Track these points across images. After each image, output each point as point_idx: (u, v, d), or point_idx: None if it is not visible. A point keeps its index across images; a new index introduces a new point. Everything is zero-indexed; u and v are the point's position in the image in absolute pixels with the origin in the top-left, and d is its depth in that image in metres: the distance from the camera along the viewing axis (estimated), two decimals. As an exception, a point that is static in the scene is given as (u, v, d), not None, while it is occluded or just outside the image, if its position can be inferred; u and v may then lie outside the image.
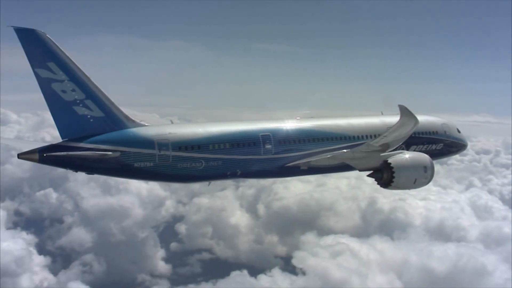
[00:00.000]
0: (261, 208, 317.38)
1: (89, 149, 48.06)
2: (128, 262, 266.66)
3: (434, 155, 65.98)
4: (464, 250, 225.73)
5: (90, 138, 48.56)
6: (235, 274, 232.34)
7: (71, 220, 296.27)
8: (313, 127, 60.05)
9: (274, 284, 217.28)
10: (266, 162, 55.96)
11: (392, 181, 54.90)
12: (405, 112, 48.94)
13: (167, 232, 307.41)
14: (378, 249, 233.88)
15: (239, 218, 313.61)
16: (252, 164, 55.40)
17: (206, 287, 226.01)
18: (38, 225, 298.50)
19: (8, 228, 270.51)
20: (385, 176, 55.50)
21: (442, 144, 67.83)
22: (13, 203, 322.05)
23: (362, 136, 60.80)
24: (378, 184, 56.74)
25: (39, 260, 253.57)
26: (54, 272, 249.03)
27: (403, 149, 61.09)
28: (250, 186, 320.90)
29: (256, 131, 56.34)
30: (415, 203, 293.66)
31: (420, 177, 55.87)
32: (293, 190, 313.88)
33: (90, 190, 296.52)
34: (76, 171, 50.44)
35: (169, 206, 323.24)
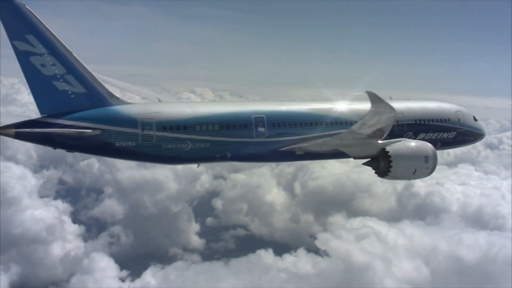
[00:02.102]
0: (297, 187, 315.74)
1: (67, 126, 46.46)
2: (161, 235, 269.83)
3: (447, 143, 63.98)
4: (496, 239, 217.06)
5: (70, 114, 46.97)
6: (259, 252, 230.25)
7: (109, 191, 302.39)
8: (311, 111, 57.05)
9: (294, 265, 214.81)
10: (259, 146, 53.73)
11: (390, 171, 52.02)
12: (374, 99, 45.68)
13: (202, 206, 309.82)
14: (408, 234, 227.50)
15: (275, 195, 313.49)
16: (243, 147, 53.29)
17: (219, 264, 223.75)
18: (77, 194, 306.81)
19: (42, 196, 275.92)
20: (381, 164, 52.67)
21: (455, 133, 64.06)
22: (57, 171, 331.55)
23: None
24: (375, 173, 53.80)
25: (72, 229, 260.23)
26: (87, 241, 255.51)
27: (410, 136, 59.03)
28: (290, 163, 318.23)
29: (249, 113, 53.81)
30: (453, 188, 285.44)
31: (420, 167, 52.67)
32: (330, 170, 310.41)
33: (126, 162, 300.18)
34: (55, 148, 48.78)
35: (205, 181, 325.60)
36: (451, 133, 63.69)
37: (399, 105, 58.89)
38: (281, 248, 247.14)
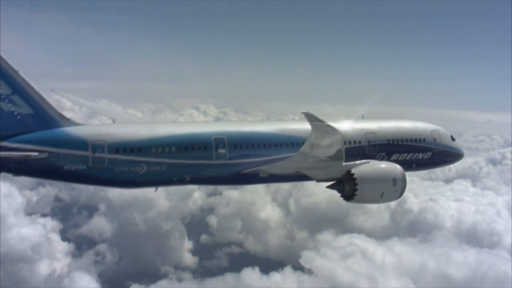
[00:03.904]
0: (292, 204, 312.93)
1: (12, 148, 44.77)
2: (153, 253, 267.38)
3: (422, 164, 62.13)
4: (486, 257, 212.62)
5: (16, 136, 45.32)
6: (245, 270, 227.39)
7: (102, 208, 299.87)
8: (276, 131, 55.00)
9: (276, 284, 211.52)
10: (219, 168, 51.75)
11: (355, 194, 49.78)
12: (312, 120, 43.50)
13: (195, 224, 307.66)
14: (396, 251, 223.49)
15: (270, 212, 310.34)
16: (203, 169, 51.23)
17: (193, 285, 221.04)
18: (70, 211, 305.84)
19: (32, 214, 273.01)
20: (346, 188, 50.51)
21: (431, 153, 61.82)
22: (53, 189, 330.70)
23: None
24: (341, 196, 51.70)
25: (62, 247, 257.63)
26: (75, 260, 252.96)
27: (383, 157, 57.22)
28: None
29: (209, 134, 51.94)
30: (447, 204, 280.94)
31: (388, 190, 50.45)
32: (324, 186, 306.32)
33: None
34: (0, 172, 46.90)
35: (198, 198, 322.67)
36: (427, 153, 61.54)
37: (371, 125, 59.02)
38: (274, 266, 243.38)
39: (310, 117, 42.95)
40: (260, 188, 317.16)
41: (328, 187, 52.10)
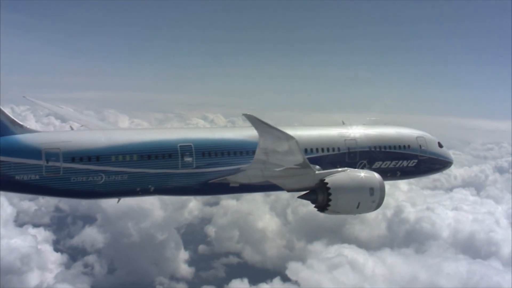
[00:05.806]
0: (289, 213, 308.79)
1: None
2: (148, 264, 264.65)
3: (407, 173, 59.75)
4: (478, 267, 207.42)
5: None
6: (234, 282, 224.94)
7: (98, 219, 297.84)
8: (246, 138, 51.88)
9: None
10: (186, 178, 49.41)
11: (329, 205, 46.53)
12: (256, 123, 40.72)
13: (191, 234, 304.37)
14: (388, 262, 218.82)
15: (267, 222, 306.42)
16: (168, 179, 48.93)
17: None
18: (64, 222, 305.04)
19: (23, 225, 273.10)
20: (320, 198, 47.12)
21: (416, 161, 59.17)
22: (53, 199, 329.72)
23: (312, 150, 53.08)
24: (314, 207, 48.38)
25: (54, 257, 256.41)
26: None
27: (364, 165, 54.86)
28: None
29: (174, 141, 49.55)
30: (445, 214, 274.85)
31: (365, 200, 47.43)
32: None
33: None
34: None
35: (193, 208, 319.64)
36: (412, 161, 58.99)
37: (351, 131, 56.73)
38: (272, 276, 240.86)
39: (254, 121, 40.14)
40: (258, 197, 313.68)
41: (300, 197, 48.92)
